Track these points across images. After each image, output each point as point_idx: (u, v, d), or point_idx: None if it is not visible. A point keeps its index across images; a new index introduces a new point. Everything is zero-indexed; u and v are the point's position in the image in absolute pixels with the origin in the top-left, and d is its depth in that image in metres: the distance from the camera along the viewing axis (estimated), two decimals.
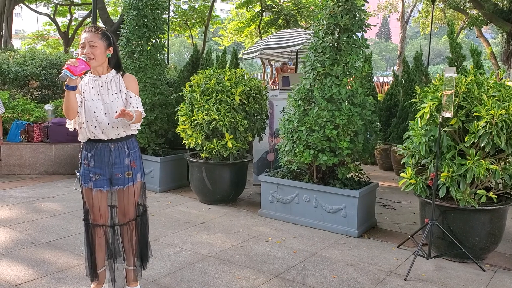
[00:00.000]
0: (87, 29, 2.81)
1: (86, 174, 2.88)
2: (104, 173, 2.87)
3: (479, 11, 13.68)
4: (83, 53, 2.72)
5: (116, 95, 2.84)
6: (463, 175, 3.71)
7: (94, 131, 2.82)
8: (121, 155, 2.88)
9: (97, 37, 2.75)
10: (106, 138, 2.84)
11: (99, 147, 2.85)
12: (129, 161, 2.90)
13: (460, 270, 3.72)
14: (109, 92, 2.84)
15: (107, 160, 2.85)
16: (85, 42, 2.74)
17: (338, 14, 4.41)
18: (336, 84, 4.38)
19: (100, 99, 2.82)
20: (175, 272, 3.51)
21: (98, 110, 2.80)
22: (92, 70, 2.82)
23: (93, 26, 2.85)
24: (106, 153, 2.85)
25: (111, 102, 2.82)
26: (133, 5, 5.85)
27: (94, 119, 2.80)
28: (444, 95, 3.60)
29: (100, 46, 2.76)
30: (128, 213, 2.96)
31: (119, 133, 2.86)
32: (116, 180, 2.90)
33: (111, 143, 2.86)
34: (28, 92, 7.81)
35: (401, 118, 7.18)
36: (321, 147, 4.38)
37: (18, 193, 5.56)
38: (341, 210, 4.45)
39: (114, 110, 2.80)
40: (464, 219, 3.80)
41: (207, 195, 5.34)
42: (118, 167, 2.88)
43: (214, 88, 5.09)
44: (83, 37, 2.76)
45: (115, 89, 2.85)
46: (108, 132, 2.83)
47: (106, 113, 2.80)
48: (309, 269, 3.64)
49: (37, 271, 3.43)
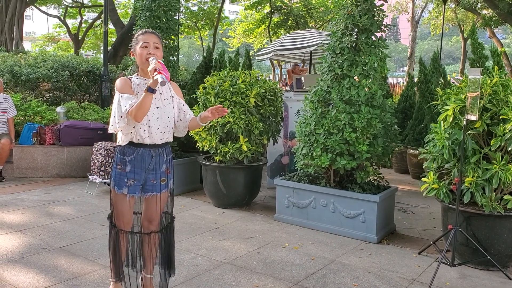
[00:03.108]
0: (148, 30, 2.80)
1: (120, 179, 2.79)
2: (139, 178, 2.80)
3: (494, 11, 13.46)
4: (146, 53, 2.68)
5: (167, 100, 2.82)
6: (488, 180, 3.58)
7: (142, 134, 2.74)
8: (160, 161, 2.83)
9: (159, 40, 2.77)
10: (150, 143, 2.76)
11: (140, 152, 2.77)
12: (165, 167, 2.86)
13: (485, 279, 3.59)
14: (161, 97, 2.79)
15: (146, 166, 2.79)
16: (150, 43, 2.70)
17: (357, 14, 4.30)
18: (354, 86, 4.27)
19: (153, 103, 2.74)
20: (191, 279, 3.42)
21: (151, 114, 2.73)
22: (142, 72, 2.79)
23: (151, 30, 2.83)
24: (147, 158, 2.79)
25: (164, 107, 2.78)
26: (146, 6, 5.78)
27: (145, 122, 2.72)
28: (469, 97, 3.47)
29: (161, 50, 2.77)
30: (154, 220, 2.90)
31: (163, 138, 2.81)
32: (150, 186, 2.84)
33: (153, 149, 2.79)
34: (40, 94, 7.78)
35: (417, 120, 7.04)
36: (339, 151, 4.26)
37: (30, 197, 5.51)
38: (359, 215, 4.33)
39: (166, 115, 2.78)
40: (490, 226, 3.67)
41: (221, 199, 5.25)
42: (154, 173, 2.82)
43: (229, 90, 5.00)
44: (146, 38, 2.72)
45: (165, 94, 2.81)
46: (155, 136, 2.77)
47: (158, 117, 2.75)
48: (329, 277, 3.53)
49: (50, 278, 3.35)
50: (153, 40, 2.72)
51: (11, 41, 14.31)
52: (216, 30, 21.43)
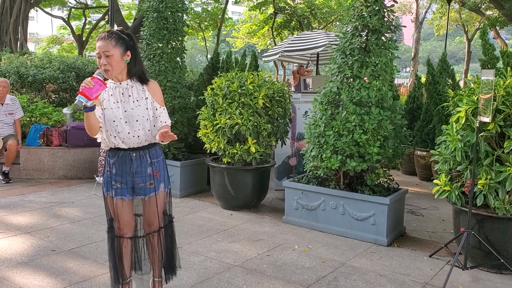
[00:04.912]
0: (100, 35, 2.59)
1: (108, 182, 2.76)
2: (126, 181, 2.74)
3: (500, 11, 13.40)
4: (99, 63, 2.55)
5: (137, 102, 2.67)
6: (501, 183, 3.54)
7: (114, 141, 2.68)
8: (143, 164, 2.73)
9: (111, 45, 2.53)
10: (126, 147, 2.71)
11: (121, 155, 2.72)
12: (151, 170, 2.75)
13: (498, 282, 3.55)
14: (129, 99, 2.66)
15: (128, 169, 2.72)
16: (100, 52, 2.53)
17: (367, 15, 4.27)
18: (365, 87, 4.23)
19: (120, 106, 2.65)
20: (201, 282, 3.39)
21: (118, 119, 2.64)
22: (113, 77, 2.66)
23: (107, 32, 2.61)
24: (128, 161, 2.72)
25: (132, 110, 2.65)
26: (153, 7, 5.76)
27: (114, 129, 2.64)
28: (481, 99, 3.44)
29: (116, 54, 2.55)
30: (153, 224, 2.84)
31: (140, 142, 2.71)
32: (138, 190, 2.78)
33: (133, 152, 2.72)
34: (46, 96, 7.77)
35: (425, 121, 7.00)
36: (349, 152, 4.23)
37: (37, 198, 5.49)
38: (369, 217, 4.29)
39: (135, 118, 2.64)
40: (503, 228, 3.63)
41: (229, 200, 5.22)
42: (140, 176, 2.74)
43: (237, 91, 4.97)
44: (97, 46, 2.55)
45: (136, 96, 2.68)
46: (128, 141, 2.68)
47: (126, 122, 2.65)
48: (340, 280, 3.50)
49: (60, 281, 3.33)
50: (102, 49, 2.52)
51: (16, 42, 14.32)
52: (220, 31, 21.43)
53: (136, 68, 2.69)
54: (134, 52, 2.66)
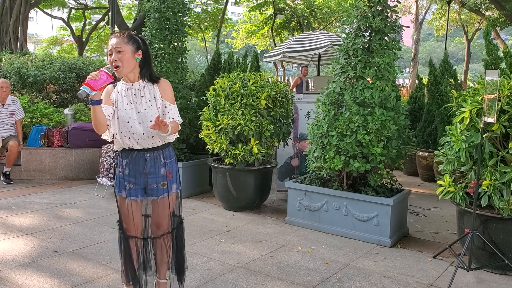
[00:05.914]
0: (113, 35, 2.64)
1: (120, 182, 2.75)
2: (139, 182, 2.74)
3: (500, 12, 13.40)
4: (110, 61, 2.58)
5: (150, 102, 2.68)
6: (506, 183, 3.53)
7: (128, 142, 2.68)
8: (156, 164, 2.74)
9: (123, 42, 2.57)
10: (140, 148, 2.71)
11: (134, 156, 2.72)
12: (164, 171, 2.76)
13: (503, 283, 3.53)
14: (142, 100, 2.67)
15: (142, 170, 2.72)
16: (112, 49, 2.57)
17: (370, 15, 4.25)
18: (368, 87, 4.22)
19: (134, 107, 2.66)
20: (205, 283, 3.37)
21: (132, 120, 2.64)
22: (124, 77, 2.67)
23: (120, 31, 2.68)
24: (141, 162, 2.72)
25: (145, 111, 2.65)
26: (155, 8, 5.74)
27: (128, 130, 2.65)
28: (486, 99, 3.43)
29: (127, 50, 2.57)
30: (162, 225, 2.83)
31: (155, 142, 2.72)
32: (150, 191, 2.77)
33: (147, 152, 2.72)
34: (47, 96, 7.75)
35: (426, 122, 6.99)
36: (352, 153, 4.22)
37: (39, 199, 5.47)
38: (373, 218, 4.28)
39: (148, 119, 2.64)
40: (507, 229, 3.61)
41: (231, 201, 5.21)
42: (153, 177, 2.74)
43: (239, 92, 4.95)
44: (110, 43, 2.60)
45: (148, 96, 2.68)
46: (143, 142, 2.69)
47: (140, 123, 2.65)
48: (344, 281, 3.48)
49: (63, 282, 3.31)
50: (114, 45, 2.56)
51: (16, 43, 14.30)
52: (220, 31, 21.42)
53: (147, 71, 2.70)
54: (146, 54, 2.68)
